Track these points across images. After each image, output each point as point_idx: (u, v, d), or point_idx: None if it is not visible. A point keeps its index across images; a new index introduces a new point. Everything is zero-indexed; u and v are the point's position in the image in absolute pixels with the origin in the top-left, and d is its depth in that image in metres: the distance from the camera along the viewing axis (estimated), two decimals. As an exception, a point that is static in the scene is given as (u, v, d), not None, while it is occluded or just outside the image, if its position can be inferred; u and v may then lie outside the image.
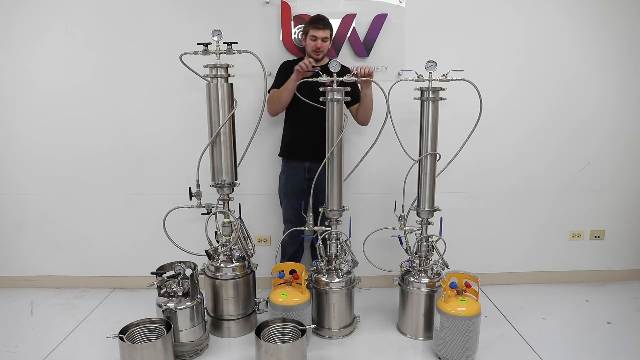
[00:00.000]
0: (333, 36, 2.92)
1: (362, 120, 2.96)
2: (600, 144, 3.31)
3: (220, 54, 2.59)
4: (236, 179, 2.79)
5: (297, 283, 2.68)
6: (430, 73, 2.59)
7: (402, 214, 2.80)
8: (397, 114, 2.79)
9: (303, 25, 3.00)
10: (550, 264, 3.48)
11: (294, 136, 2.97)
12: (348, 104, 2.89)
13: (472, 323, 2.41)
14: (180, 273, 2.54)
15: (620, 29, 3.14)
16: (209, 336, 2.69)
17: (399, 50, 3.11)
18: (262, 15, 3.05)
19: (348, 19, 3.03)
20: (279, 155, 3.10)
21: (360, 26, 3.06)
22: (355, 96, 2.82)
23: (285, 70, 2.91)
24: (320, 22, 2.80)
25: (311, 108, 2.76)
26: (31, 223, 3.37)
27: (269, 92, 2.95)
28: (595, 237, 3.46)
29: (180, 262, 2.63)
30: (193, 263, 2.64)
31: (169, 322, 2.40)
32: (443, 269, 2.72)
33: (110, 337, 2.29)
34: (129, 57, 3.12)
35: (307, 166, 2.95)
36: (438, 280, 2.72)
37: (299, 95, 2.76)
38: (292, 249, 3.09)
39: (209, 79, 2.63)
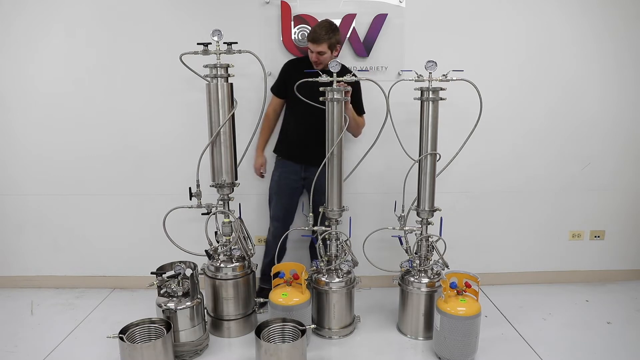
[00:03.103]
0: (335, 45, 2.77)
1: (351, 132, 2.98)
2: (600, 144, 3.31)
3: (220, 54, 2.59)
4: (236, 179, 2.79)
5: (297, 283, 2.68)
6: (430, 73, 2.59)
7: (402, 214, 2.80)
8: (397, 114, 2.79)
9: (303, 26, 3.02)
10: (550, 264, 3.48)
11: (294, 137, 2.96)
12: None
13: (472, 323, 2.41)
14: (180, 273, 2.54)
15: (620, 29, 3.14)
16: (209, 336, 2.69)
17: (399, 50, 3.11)
18: (262, 15, 3.05)
19: (348, 19, 3.04)
20: (274, 151, 3.09)
21: (360, 26, 3.06)
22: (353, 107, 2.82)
23: (285, 72, 2.91)
24: (316, 34, 2.71)
25: (313, 110, 2.75)
26: (31, 223, 3.37)
27: (271, 90, 2.97)
28: (595, 237, 3.46)
29: (180, 262, 2.63)
30: (193, 263, 2.64)
31: (169, 322, 2.40)
32: (443, 269, 2.72)
33: (110, 337, 2.29)
34: (128, 57, 3.12)
35: (303, 167, 2.96)
36: (438, 280, 2.72)
37: (299, 96, 2.75)
38: (275, 248, 3.06)
39: (209, 79, 2.63)
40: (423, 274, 2.74)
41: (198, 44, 2.59)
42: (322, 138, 2.74)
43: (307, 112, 2.78)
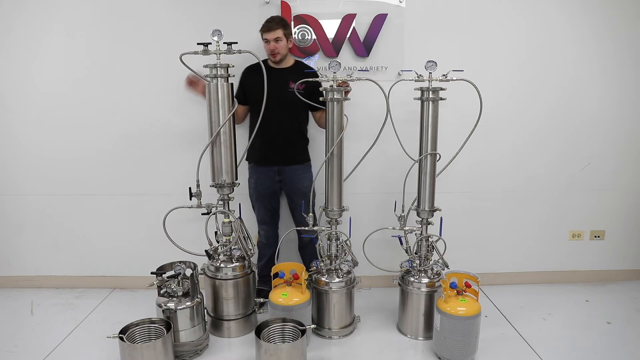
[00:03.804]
0: (289, 35, 2.83)
1: (324, 125, 2.94)
2: (600, 144, 3.31)
3: (220, 54, 2.59)
4: (236, 179, 2.79)
5: (297, 283, 2.68)
6: (430, 73, 2.60)
7: (402, 214, 2.80)
8: (397, 114, 2.79)
9: (303, 26, 3.02)
10: (550, 264, 3.48)
11: (263, 141, 2.89)
12: (312, 109, 2.93)
13: (472, 323, 2.41)
14: (180, 273, 2.54)
15: (620, 29, 3.14)
16: (209, 336, 2.69)
17: (399, 50, 3.11)
18: (262, 15, 3.03)
19: (348, 19, 3.04)
20: (247, 159, 3.03)
21: (360, 26, 3.06)
22: (319, 102, 2.80)
23: (244, 79, 2.90)
24: (269, 23, 2.77)
25: (277, 111, 2.69)
26: (31, 223, 3.37)
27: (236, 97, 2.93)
28: (595, 237, 3.46)
29: (180, 262, 2.63)
30: (193, 263, 2.64)
31: (169, 322, 2.40)
32: (443, 269, 2.72)
33: (110, 337, 2.29)
34: (128, 57, 3.12)
35: (277, 169, 2.95)
36: (438, 280, 2.72)
37: (299, 96, 2.76)
38: (270, 251, 3.07)
39: (209, 79, 2.63)
40: (423, 274, 2.74)
41: (198, 44, 2.59)
42: (291, 137, 2.84)
43: (271, 114, 2.73)
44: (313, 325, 2.59)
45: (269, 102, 2.64)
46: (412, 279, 2.73)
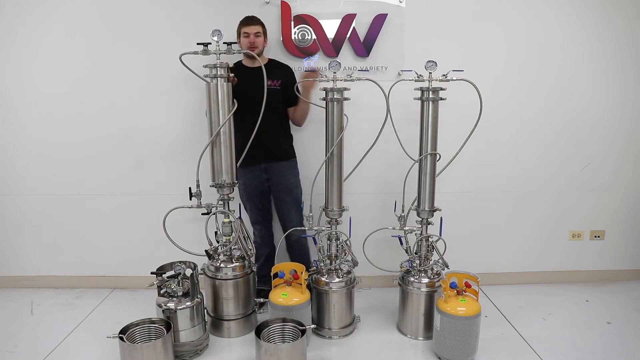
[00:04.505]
0: (266, 33, 2.90)
1: (297, 121, 3.05)
2: (600, 144, 3.31)
3: (220, 54, 2.59)
4: (236, 179, 2.79)
5: (297, 283, 2.68)
6: (430, 73, 2.60)
7: (402, 214, 2.80)
8: (397, 114, 2.79)
9: (303, 26, 3.02)
10: (550, 264, 3.48)
11: (245, 141, 2.83)
12: (289, 104, 2.98)
13: (472, 323, 2.41)
14: (180, 273, 2.54)
15: (620, 30, 3.14)
16: (209, 336, 2.69)
17: (399, 50, 3.11)
18: (262, 15, 3.03)
19: (348, 19, 3.04)
20: None
21: (360, 26, 3.06)
22: (293, 98, 2.91)
23: None
24: (249, 19, 2.84)
25: (256, 110, 2.66)
26: (31, 223, 3.38)
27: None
28: (595, 237, 3.46)
29: (180, 262, 2.63)
30: (193, 263, 2.64)
31: (169, 322, 2.40)
32: (443, 269, 2.72)
33: (110, 337, 2.29)
34: (128, 57, 3.12)
35: (263, 167, 2.95)
36: (438, 280, 2.72)
37: (298, 95, 2.75)
38: (266, 250, 3.10)
39: (208, 79, 2.63)
40: (423, 274, 2.74)
41: (198, 44, 2.59)
42: (274, 134, 2.86)
43: (251, 113, 2.71)
44: (313, 325, 2.59)
45: (249, 101, 2.67)
46: (412, 279, 2.73)
